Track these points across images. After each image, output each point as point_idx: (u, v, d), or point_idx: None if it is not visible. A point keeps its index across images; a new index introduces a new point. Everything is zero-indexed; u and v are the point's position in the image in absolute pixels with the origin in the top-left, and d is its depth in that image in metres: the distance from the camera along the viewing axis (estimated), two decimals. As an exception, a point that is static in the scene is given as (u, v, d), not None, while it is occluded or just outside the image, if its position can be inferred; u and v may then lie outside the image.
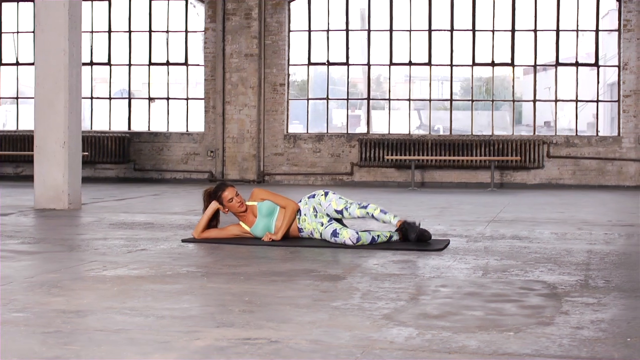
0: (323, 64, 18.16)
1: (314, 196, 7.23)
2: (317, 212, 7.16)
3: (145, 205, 11.45)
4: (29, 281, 4.95)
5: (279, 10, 17.85)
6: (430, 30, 17.62)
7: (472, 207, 11.44)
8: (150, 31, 18.44)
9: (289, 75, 18.16)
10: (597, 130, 17.57)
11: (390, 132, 18.04)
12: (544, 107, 19.29)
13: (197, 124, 18.46)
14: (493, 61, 17.56)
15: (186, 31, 18.33)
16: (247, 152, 17.70)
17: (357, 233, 6.91)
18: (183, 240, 7.16)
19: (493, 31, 17.44)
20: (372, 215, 6.99)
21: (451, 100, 18.09)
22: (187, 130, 18.42)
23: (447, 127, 18.09)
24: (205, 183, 17.56)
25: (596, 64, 17.40)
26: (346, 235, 6.88)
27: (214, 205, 7.22)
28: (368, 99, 18.22)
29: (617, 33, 17.31)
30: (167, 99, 18.58)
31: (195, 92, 19.08)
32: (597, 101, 17.79)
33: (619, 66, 17.16)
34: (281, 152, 18.02)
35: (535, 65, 17.53)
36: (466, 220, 9.28)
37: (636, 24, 16.84)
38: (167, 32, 18.42)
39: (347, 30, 17.94)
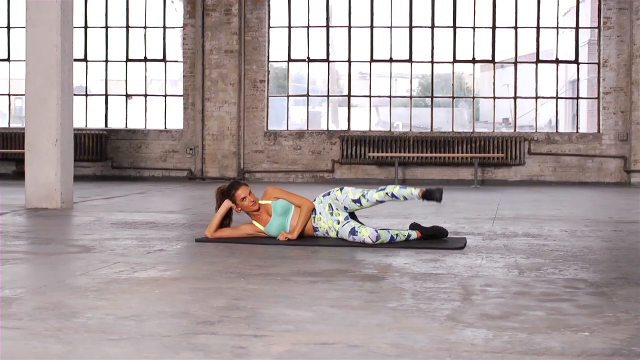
0: (303, 60, 18.03)
1: (329, 194, 7.13)
2: (332, 210, 7.06)
3: (136, 204, 11.25)
4: (62, 284, 4.78)
5: (259, 6, 17.70)
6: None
7: (466, 204, 11.40)
8: (127, 27, 18.17)
9: (268, 71, 18.01)
10: (577, 127, 17.66)
11: (371, 129, 17.98)
12: (502, 104, 19.25)
13: (176, 121, 18.24)
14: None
15: (164, 27, 18.10)
16: (227, 150, 17.53)
17: (377, 231, 6.82)
18: (197, 240, 7.00)
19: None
20: (392, 194, 6.92)
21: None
22: (165, 128, 18.19)
23: (407, 124, 18.02)
24: (184, 181, 17.38)
25: (576, 61, 17.49)
26: (365, 234, 6.78)
27: (226, 204, 7.08)
28: (349, 95, 18.13)
29: (596, 30, 17.41)
30: (145, 95, 18.34)
31: (174, 88, 18.86)
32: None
33: (598, 63, 17.26)
34: (261, 150, 17.88)
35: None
36: (469, 218, 9.23)
37: (616, 22, 16.95)
38: (145, 27, 18.16)
39: (327, 26, 17.83)
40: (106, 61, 18.28)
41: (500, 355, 3.26)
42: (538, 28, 17.48)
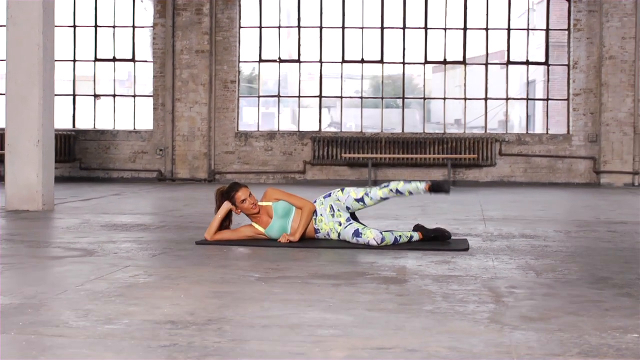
0: (274, 60, 17.94)
1: (329, 195, 7.07)
2: (334, 211, 7.00)
3: (116, 205, 11.07)
4: (84, 289, 4.66)
5: (230, 6, 17.57)
6: (299, 27, 17.59)
7: (447, 205, 11.39)
8: (95, 26, 17.92)
9: (239, 72, 17.88)
10: (547, 129, 17.80)
11: (343, 130, 17.95)
12: (454, 105, 19.25)
13: (145, 122, 18.03)
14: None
15: (133, 26, 17.88)
16: (198, 151, 17.37)
17: (381, 233, 6.77)
18: (197, 243, 6.89)
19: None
20: (397, 190, 6.86)
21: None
22: (134, 128, 17.97)
23: (359, 125, 18.02)
24: (154, 182, 17.19)
25: (546, 63, 17.63)
26: (370, 236, 6.73)
27: (226, 205, 6.99)
28: (320, 96, 18.07)
29: (566, 32, 17.57)
30: (114, 95, 18.10)
31: (143, 88, 18.65)
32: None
33: (568, 65, 17.42)
34: (232, 150, 17.75)
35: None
36: (459, 219, 9.23)
37: (586, 24, 17.12)
38: (114, 27, 17.93)
39: (299, 27, 17.76)
40: (74, 60, 18.01)
41: (562, 357, 3.23)
42: (509, 30, 17.59)
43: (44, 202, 9.92)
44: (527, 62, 17.72)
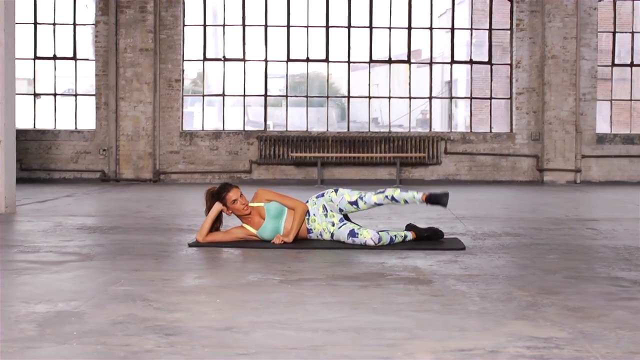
0: (219, 59, 17.76)
1: (322, 195, 7.02)
2: (327, 211, 6.95)
3: (76, 207, 10.81)
4: (111, 295, 4.52)
5: (174, 4, 17.32)
6: (243, 25, 17.59)
7: (413, 205, 11.38)
8: (35, 23, 17.46)
9: (183, 71, 17.65)
10: (490, 127, 18.04)
11: (289, 129, 17.88)
12: (374, 104, 19.30)
13: (87, 121, 17.66)
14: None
15: (74, 24, 17.48)
16: (143, 150, 17.09)
17: (378, 233, 6.75)
18: (190, 245, 6.76)
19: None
20: (393, 197, 6.82)
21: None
22: (76, 128, 17.58)
23: (278, 124, 18.00)
24: (98, 183, 16.84)
25: (489, 62, 17.87)
26: (367, 236, 6.70)
27: (217, 207, 6.88)
28: (265, 95, 17.95)
29: (509, 32, 17.83)
30: (54, 95, 17.68)
31: (84, 87, 18.26)
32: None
33: (510, 64, 17.68)
34: (177, 150, 17.51)
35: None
36: (433, 218, 9.28)
37: (528, 24, 17.41)
38: (54, 24, 17.50)
39: (243, 25, 17.62)
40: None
41: (644, 356, 3.25)
42: (453, 30, 17.78)
43: (7, 204, 9.62)
44: (471, 62, 17.93)
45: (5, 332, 3.61)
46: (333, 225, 6.93)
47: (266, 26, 17.65)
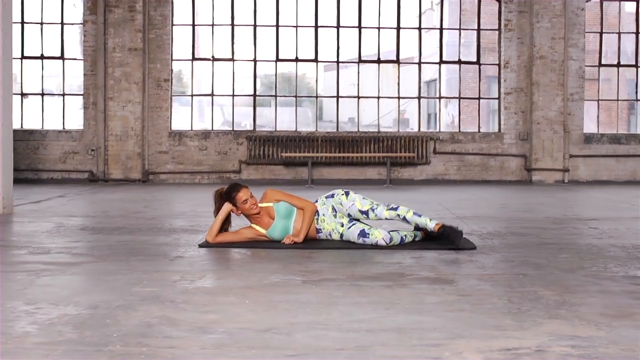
0: (208, 59, 17.71)
1: (332, 196, 7.01)
2: (336, 212, 6.95)
3: (73, 208, 10.75)
4: (136, 296, 4.49)
5: (162, 3, 17.26)
6: (232, 25, 17.58)
7: (411, 205, 11.43)
8: (22, 22, 17.34)
9: (172, 70, 17.59)
10: (479, 127, 18.11)
11: (277, 129, 17.86)
12: (348, 104, 19.32)
13: (76, 121, 17.56)
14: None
15: (62, 23, 17.37)
16: (132, 151, 17.01)
17: (389, 233, 6.76)
18: (200, 245, 6.74)
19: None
20: (404, 217, 6.80)
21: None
22: (64, 128, 17.47)
23: (251, 123, 17.94)
24: (85, 183, 16.75)
25: (478, 62, 17.93)
26: (379, 236, 6.71)
27: (227, 207, 6.85)
28: (254, 95, 17.93)
29: (497, 32, 17.91)
30: (42, 94, 17.56)
31: (72, 87, 18.15)
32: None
33: (499, 64, 17.76)
34: (166, 150, 17.45)
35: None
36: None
37: (516, 24, 17.50)
38: (41, 24, 17.38)
39: (232, 25, 17.59)
40: (-1, 58, 17.37)
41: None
42: (441, 30, 17.83)
43: (4, 205, 9.55)
44: (460, 62, 17.99)
45: (43, 334, 3.59)
46: (342, 225, 6.93)
47: (255, 26, 17.63)
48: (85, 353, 3.29)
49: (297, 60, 17.76)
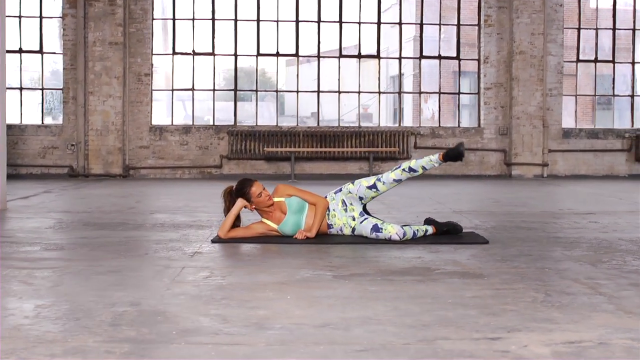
0: (189, 53, 17.63)
1: (340, 190, 7.06)
2: (346, 205, 6.98)
3: (65, 203, 10.67)
4: (175, 292, 4.48)
5: (143, -3, 17.14)
6: (213, 20, 17.57)
7: (398, 198, 11.49)
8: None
9: (152, 64, 17.48)
10: (458, 122, 18.23)
11: (258, 124, 17.83)
12: (309, 98, 19.31)
13: (55, 116, 17.38)
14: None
15: (41, 17, 17.19)
16: (113, 145, 16.89)
17: (402, 228, 6.80)
18: (213, 241, 6.73)
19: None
20: (410, 167, 7.00)
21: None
22: (43, 123, 17.30)
23: (211, 118, 17.96)
24: (65, 178, 16.62)
25: (457, 57, 18.04)
26: (392, 231, 6.75)
27: (240, 203, 6.84)
28: (235, 90, 17.89)
29: (477, 27, 18.02)
30: (20, 89, 17.37)
31: (52, 81, 17.97)
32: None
33: (478, 60, 17.88)
34: (147, 145, 17.35)
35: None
36: (431, 212, 9.32)
37: (496, 20, 17.62)
38: (20, 17, 17.18)
39: (213, 19, 17.51)
40: (-24, 52, 17.15)
41: None
42: (422, 25, 17.91)
43: (0, 200, 9.44)
44: (439, 57, 18.08)
45: (100, 332, 3.56)
46: (354, 219, 6.96)
47: (236, 20, 17.58)
48: (151, 351, 3.28)
49: (277, 55, 17.74)
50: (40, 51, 17.24)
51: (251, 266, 5.49)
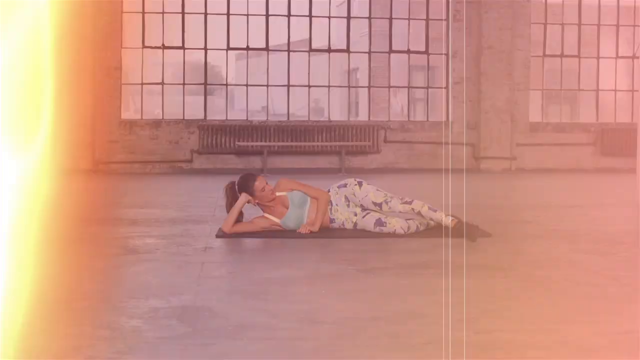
0: (158, 47, 17.51)
1: (345, 185, 7.08)
2: (349, 201, 7.01)
3: (47, 199, 10.53)
4: (210, 288, 4.51)
5: (112, -10, 16.97)
6: (183, 13, 17.56)
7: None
8: (-35, 9, 16.85)
9: (121, 58, 17.32)
10: (427, 116, 18.37)
11: (229, 119, 17.78)
12: (259, 93, 19.29)
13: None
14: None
15: (7, 10, 16.93)
16: (82, 140, 16.69)
17: (407, 222, 6.86)
18: (217, 236, 6.72)
19: (205, 14, 17.52)
20: (419, 212, 6.90)
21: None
22: (10, 117, 17.05)
23: (160, 112, 17.88)
24: (34, 173, 16.38)
25: (426, 52, 18.18)
26: (397, 225, 6.81)
27: (244, 198, 6.84)
28: (205, 84, 17.82)
29: (445, 22, 18.16)
30: (-13, 83, 17.10)
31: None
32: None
33: (447, 54, 18.02)
34: (116, 140, 17.17)
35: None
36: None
37: (465, 14, 17.76)
38: (-14, 10, 16.92)
39: (182, 13, 17.41)
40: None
41: None
42: (391, 19, 18.02)
43: (-16, 197, 9.31)
44: (409, 51, 18.21)
45: (149, 328, 3.57)
46: (356, 215, 7.00)
47: (206, 14, 17.49)
48: (219, 347, 3.29)
49: (247, 49, 17.71)
50: (7, 45, 16.98)
51: (271, 262, 5.51)
